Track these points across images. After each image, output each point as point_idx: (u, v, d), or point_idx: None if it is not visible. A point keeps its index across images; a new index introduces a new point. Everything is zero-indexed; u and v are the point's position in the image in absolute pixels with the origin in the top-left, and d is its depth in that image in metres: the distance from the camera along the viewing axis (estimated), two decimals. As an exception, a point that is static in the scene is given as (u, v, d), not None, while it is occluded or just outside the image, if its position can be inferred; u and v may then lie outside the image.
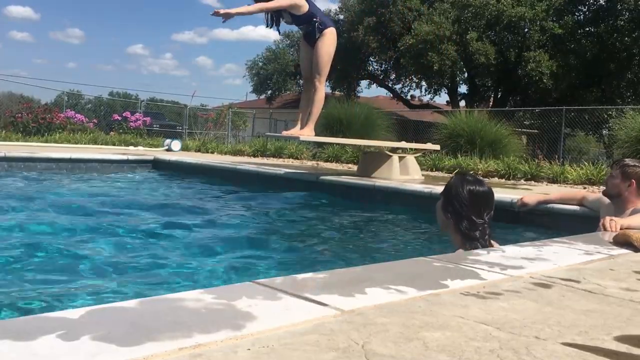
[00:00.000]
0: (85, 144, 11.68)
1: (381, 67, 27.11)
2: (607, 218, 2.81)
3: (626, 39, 18.86)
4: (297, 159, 10.45)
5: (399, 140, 10.62)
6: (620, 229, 2.68)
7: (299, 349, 1.02)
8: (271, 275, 2.02)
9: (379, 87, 28.03)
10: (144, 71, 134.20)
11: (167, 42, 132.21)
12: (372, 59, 26.33)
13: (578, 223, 3.64)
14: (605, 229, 2.74)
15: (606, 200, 3.49)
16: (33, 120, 13.05)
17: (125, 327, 1.08)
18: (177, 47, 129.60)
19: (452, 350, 1.06)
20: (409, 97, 27.90)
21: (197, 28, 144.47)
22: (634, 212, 3.12)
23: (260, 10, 5.71)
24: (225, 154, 11.56)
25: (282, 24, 6.17)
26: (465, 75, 23.72)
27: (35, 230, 3.73)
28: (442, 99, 28.03)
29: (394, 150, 6.73)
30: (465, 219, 2.45)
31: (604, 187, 3.55)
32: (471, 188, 2.49)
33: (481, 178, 2.83)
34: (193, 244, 3.58)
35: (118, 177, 7.61)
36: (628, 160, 3.44)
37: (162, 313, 1.18)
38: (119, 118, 15.54)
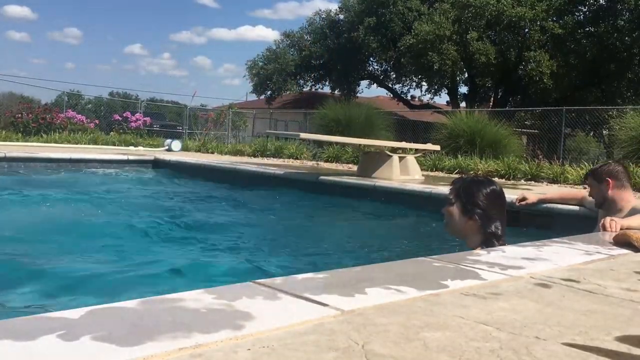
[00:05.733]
0: (85, 144, 11.69)
1: (381, 67, 27.11)
2: (608, 218, 2.80)
3: (626, 38, 18.84)
4: (297, 159, 10.45)
5: (399, 140, 10.63)
6: (621, 229, 2.67)
7: (299, 349, 1.02)
8: (271, 275, 2.02)
9: (379, 87, 28.04)
10: (142, 71, 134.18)
11: (165, 42, 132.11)
12: (372, 59, 26.32)
13: (578, 223, 3.64)
14: (605, 229, 2.74)
15: None
16: (33, 120, 13.05)
17: (126, 327, 1.08)
18: (175, 47, 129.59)
19: (452, 351, 1.06)
20: (409, 98, 27.88)
21: (195, 28, 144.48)
22: (633, 212, 3.11)
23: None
24: (226, 154, 11.56)
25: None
26: (466, 75, 23.70)
27: (34, 230, 3.73)
28: (443, 99, 28.02)
29: (394, 150, 6.73)
30: (495, 220, 2.51)
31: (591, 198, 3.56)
32: (493, 188, 2.57)
33: (489, 178, 2.90)
34: (193, 244, 3.58)
35: (118, 177, 7.61)
36: (596, 167, 3.53)
37: (162, 313, 1.17)
38: (120, 118, 15.54)
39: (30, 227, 3.82)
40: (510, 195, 4.38)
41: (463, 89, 25.51)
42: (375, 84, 27.61)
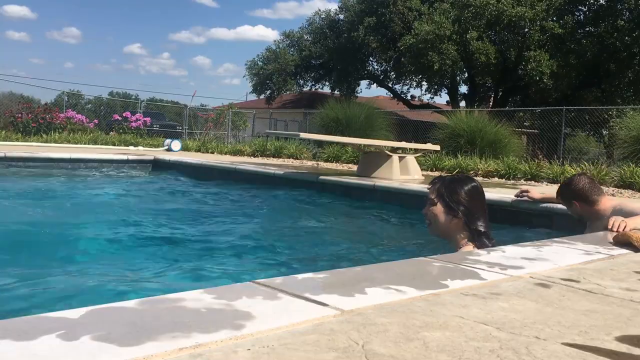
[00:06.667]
0: (85, 144, 11.69)
1: (381, 67, 27.11)
2: (619, 218, 2.78)
3: (626, 38, 18.83)
4: (297, 159, 10.45)
5: (399, 140, 10.62)
6: (625, 228, 2.65)
7: (299, 349, 1.02)
8: (271, 275, 2.01)
9: (379, 87, 28.03)
10: (141, 71, 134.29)
11: (165, 41, 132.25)
12: (372, 59, 26.32)
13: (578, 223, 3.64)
14: (614, 230, 2.71)
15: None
16: (33, 120, 13.05)
17: (126, 327, 1.08)
18: (175, 47, 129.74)
19: (452, 350, 1.06)
20: (409, 97, 27.89)
21: (194, 27, 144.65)
22: (615, 213, 3.11)
23: None
24: (226, 154, 11.56)
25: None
26: (466, 75, 23.71)
27: (34, 230, 3.73)
28: (442, 99, 28.05)
29: (394, 150, 6.73)
30: (478, 216, 2.52)
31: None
32: (474, 185, 2.59)
33: (468, 175, 2.94)
34: (193, 244, 3.58)
35: (118, 177, 7.61)
36: (561, 186, 3.49)
37: (162, 313, 1.17)
38: (120, 118, 15.54)
39: (29, 227, 3.82)
40: (511, 195, 4.38)
41: (463, 89, 25.55)
42: (375, 84, 27.60)
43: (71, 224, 3.98)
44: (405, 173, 6.46)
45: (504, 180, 7.26)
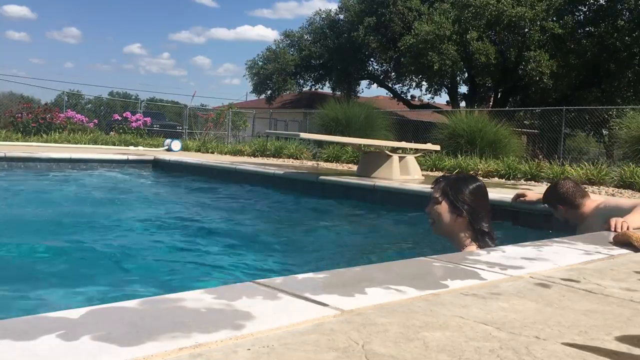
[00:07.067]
0: (85, 144, 11.70)
1: (381, 67, 27.12)
2: (620, 219, 2.78)
3: (626, 38, 18.84)
4: (297, 159, 10.45)
5: (399, 140, 10.62)
6: (628, 229, 2.65)
7: (299, 349, 1.02)
8: (271, 275, 2.02)
9: (379, 87, 28.05)
10: (141, 71, 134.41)
11: (165, 41, 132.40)
12: (372, 59, 26.34)
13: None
14: (615, 230, 2.70)
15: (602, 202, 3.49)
16: (33, 120, 13.05)
17: (126, 327, 1.08)
18: (175, 47, 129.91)
19: (452, 350, 1.06)
20: (409, 97, 27.90)
21: (194, 27, 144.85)
22: (600, 212, 3.11)
23: None
24: (226, 154, 11.56)
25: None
26: (466, 75, 23.71)
27: (34, 230, 3.73)
28: (442, 99, 28.06)
29: (394, 150, 6.73)
30: (482, 216, 2.53)
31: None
32: (478, 184, 2.60)
33: (472, 174, 2.96)
34: (192, 244, 3.58)
35: (118, 177, 7.60)
36: (547, 191, 3.52)
37: (162, 313, 1.17)
38: (120, 118, 15.54)
39: (29, 227, 3.82)
40: (511, 195, 4.38)
41: (463, 89, 25.55)
42: (375, 84, 27.62)
43: (70, 224, 3.98)
44: (405, 173, 6.46)
45: (504, 180, 7.26)
